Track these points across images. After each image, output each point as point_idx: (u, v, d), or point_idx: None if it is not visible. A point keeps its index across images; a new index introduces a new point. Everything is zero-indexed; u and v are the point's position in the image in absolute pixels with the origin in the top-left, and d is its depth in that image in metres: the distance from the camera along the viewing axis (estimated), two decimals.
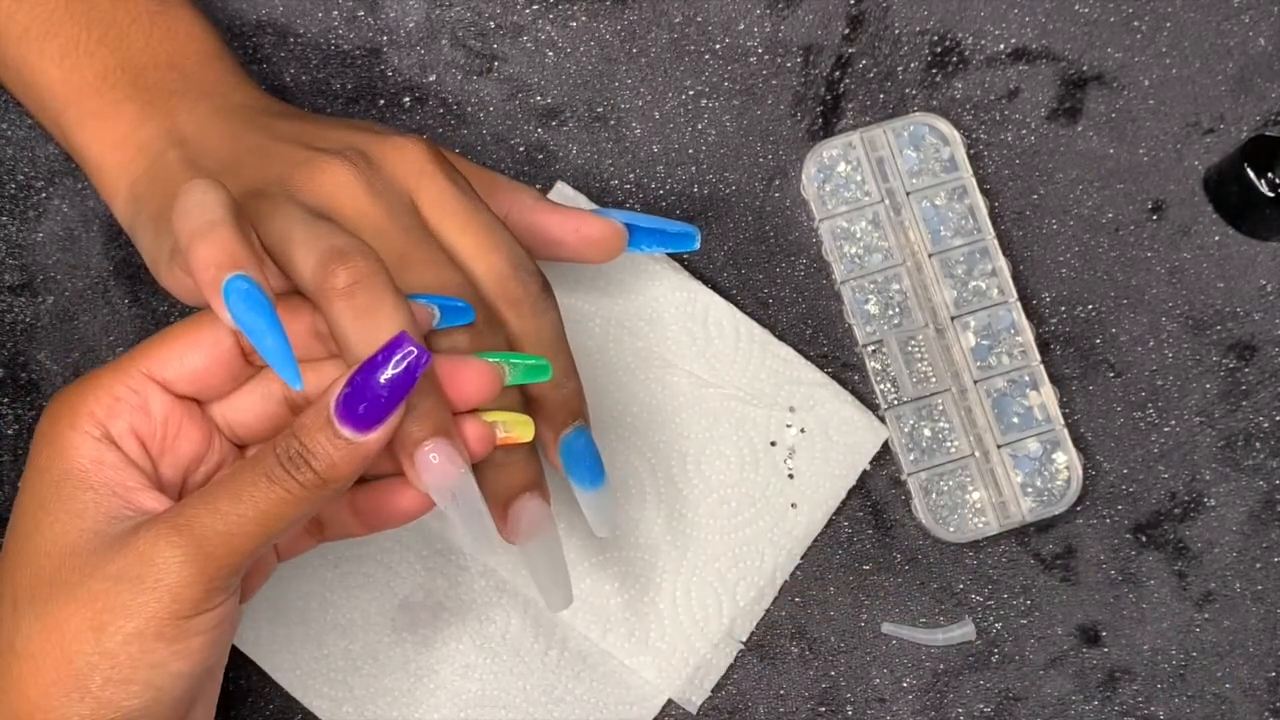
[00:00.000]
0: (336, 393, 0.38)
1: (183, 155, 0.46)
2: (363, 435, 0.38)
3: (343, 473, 0.39)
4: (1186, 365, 0.57)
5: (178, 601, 0.38)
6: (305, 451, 0.38)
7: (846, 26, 0.58)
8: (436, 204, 0.44)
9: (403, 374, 0.38)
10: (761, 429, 0.55)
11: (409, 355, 0.38)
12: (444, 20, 0.58)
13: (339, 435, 0.38)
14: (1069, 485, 0.55)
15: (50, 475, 0.40)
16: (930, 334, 0.56)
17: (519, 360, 0.43)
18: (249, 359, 0.43)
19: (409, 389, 0.38)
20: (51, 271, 0.56)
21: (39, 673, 0.38)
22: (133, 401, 0.41)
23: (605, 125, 0.58)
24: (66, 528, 0.39)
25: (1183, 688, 0.55)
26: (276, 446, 0.39)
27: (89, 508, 0.40)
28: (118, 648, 0.38)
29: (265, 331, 0.38)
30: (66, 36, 0.48)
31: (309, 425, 0.39)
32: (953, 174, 0.57)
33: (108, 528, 0.39)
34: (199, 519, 0.38)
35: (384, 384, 0.38)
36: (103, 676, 0.38)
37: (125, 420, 0.41)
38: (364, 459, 0.39)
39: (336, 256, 0.40)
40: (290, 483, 0.38)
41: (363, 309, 0.39)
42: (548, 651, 0.53)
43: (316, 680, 0.52)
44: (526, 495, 0.44)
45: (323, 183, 0.43)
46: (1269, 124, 0.58)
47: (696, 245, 0.51)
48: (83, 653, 0.38)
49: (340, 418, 0.38)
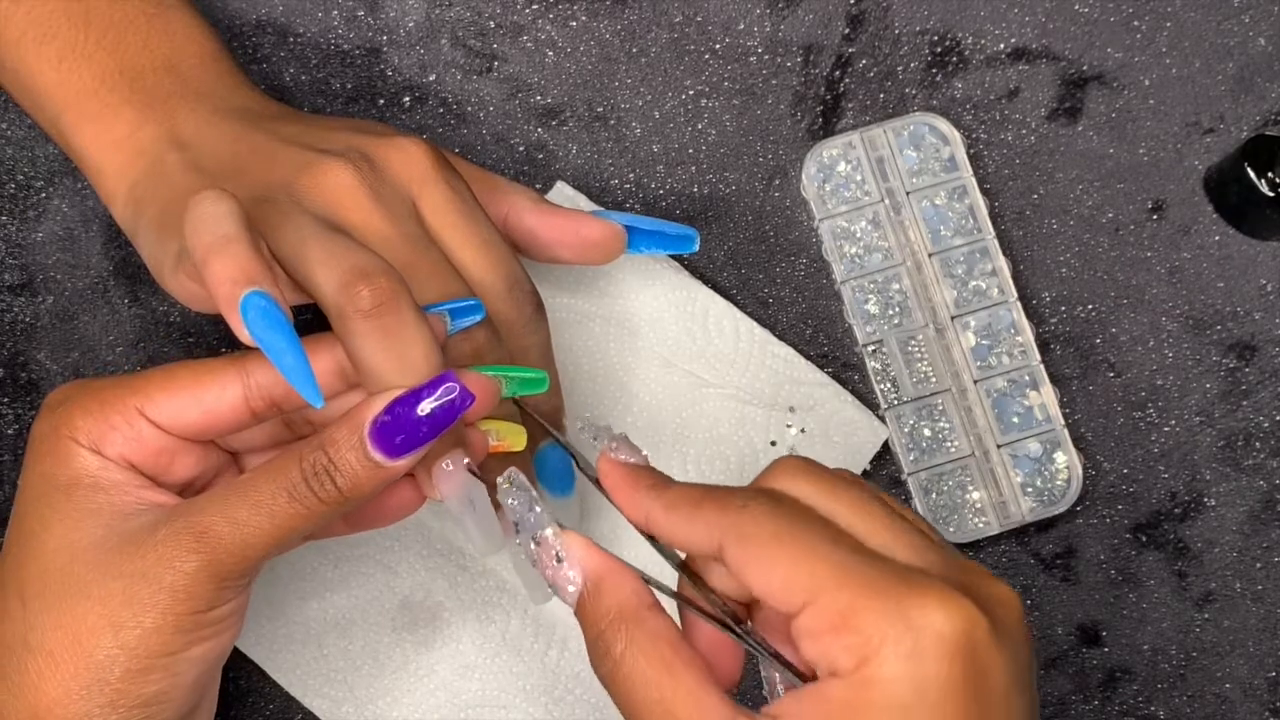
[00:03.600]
0: (372, 414, 0.39)
1: (183, 158, 0.46)
2: (393, 461, 0.39)
3: (364, 492, 0.40)
4: (1186, 365, 0.57)
5: (193, 599, 0.39)
6: (332, 467, 0.39)
7: (846, 26, 0.58)
8: (438, 213, 0.45)
9: (444, 411, 0.39)
10: (761, 429, 0.55)
11: (451, 394, 0.39)
12: (444, 20, 0.58)
13: (369, 457, 0.39)
14: (1069, 485, 0.55)
15: (57, 480, 0.41)
16: (930, 334, 0.56)
17: (516, 374, 0.43)
18: (256, 416, 0.43)
19: (447, 426, 0.39)
20: (51, 271, 0.56)
21: (57, 668, 0.39)
22: (126, 432, 0.41)
23: (605, 125, 0.58)
24: (79, 525, 0.40)
25: (1183, 688, 0.55)
26: (303, 461, 0.39)
27: (103, 507, 0.40)
28: (137, 641, 0.39)
29: (285, 350, 0.38)
30: (64, 39, 0.48)
31: (339, 441, 0.39)
32: (953, 174, 0.57)
33: (121, 524, 0.40)
34: (216, 528, 0.39)
35: (424, 417, 0.39)
36: (122, 669, 0.39)
37: (117, 448, 0.41)
38: (386, 481, 0.40)
39: (360, 276, 0.40)
40: (310, 498, 0.39)
41: (388, 329, 0.40)
42: (548, 651, 0.53)
43: (316, 680, 0.52)
44: None
45: (327, 186, 0.43)
46: (1269, 124, 0.58)
47: (695, 247, 0.52)
48: (102, 647, 0.39)
49: (375, 442, 0.39)
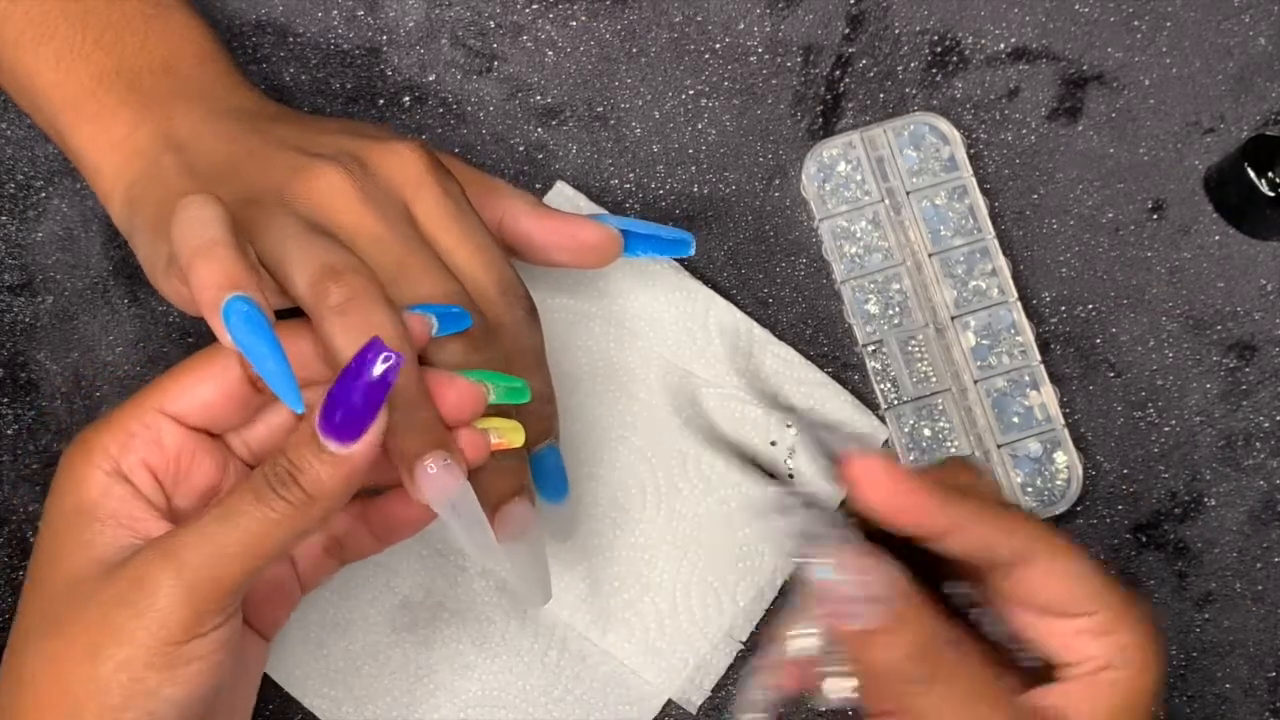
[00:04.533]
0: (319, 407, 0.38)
1: (179, 160, 0.46)
2: (346, 447, 0.38)
3: (329, 489, 0.38)
4: (1186, 365, 0.57)
5: (166, 627, 0.38)
6: (293, 468, 0.38)
7: (846, 26, 0.58)
8: (431, 217, 0.45)
9: (378, 380, 0.37)
10: (761, 429, 0.55)
11: (385, 360, 0.37)
12: (444, 20, 0.58)
13: (323, 449, 0.38)
14: (1069, 485, 0.55)
15: (64, 509, 0.41)
16: (930, 334, 0.56)
17: (501, 382, 0.43)
18: (257, 387, 0.43)
19: (384, 394, 0.38)
20: (51, 271, 0.56)
21: (38, 701, 0.39)
22: (145, 436, 0.41)
23: (605, 125, 0.58)
24: (75, 558, 0.40)
25: (1183, 688, 0.55)
26: (265, 466, 0.39)
27: (97, 538, 0.40)
28: (109, 675, 0.38)
29: (266, 355, 0.38)
30: (62, 40, 0.48)
31: (296, 442, 0.38)
32: (953, 174, 0.57)
33: (113, 556, 0.39)
34: (187, 543, 0.38)
35: (358, 391, 0.37)
36: (97, 704, 0.38)
37: (138, 455, 0.41)
38: (350, 474, 0.38)
39: (329, 274, 0.40)
40: (278, 502, 0.38)
41: (354, 325, 0.40)
42: (548, 651, 0.53)
43: (316, 680, 0.52)
44: (515, 499, 0.44)
45: (318, 190, 0.43)
46: (1269, 124, 0.58)
47: (692, 251, 0.52)
48: (78, 679, 0.38)
49: (322, 430, 0.38)
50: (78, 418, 0.55)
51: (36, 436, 0.55)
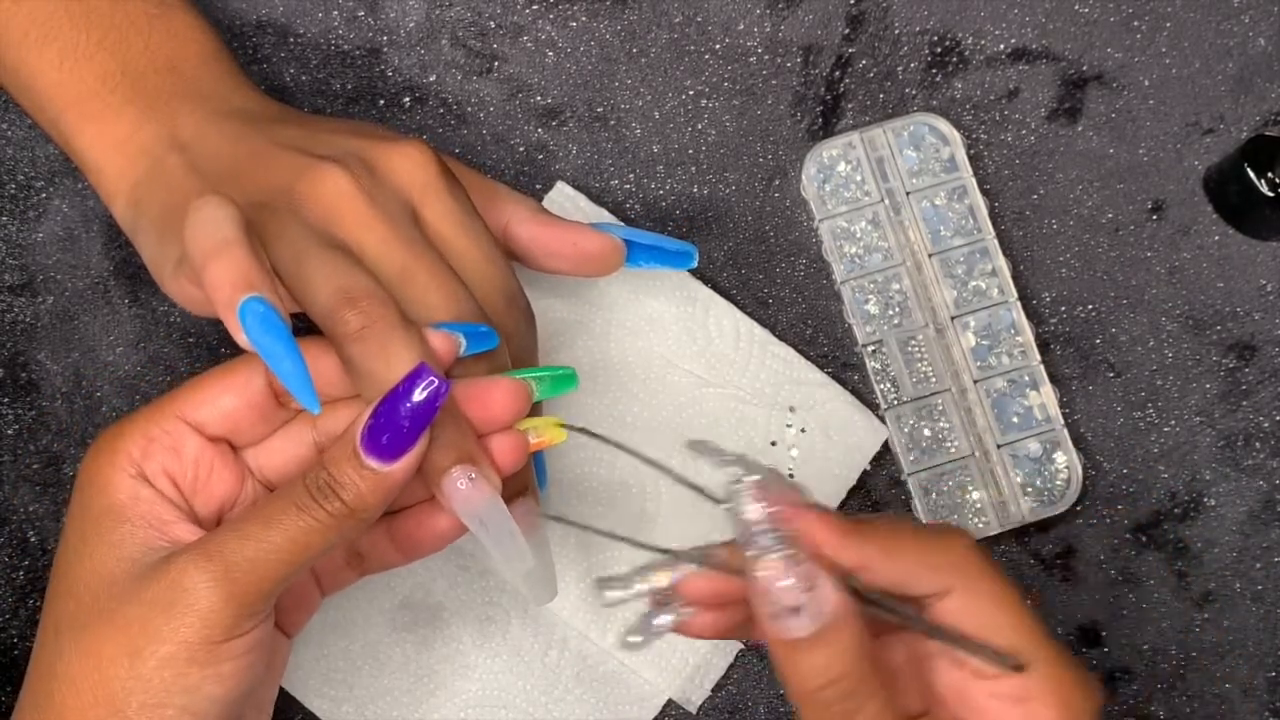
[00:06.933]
0: (361, 425, 0.39)
1: (183, 160, 0.46)
2: (387, 465, 0.39)
3: (369, 503, 0.40)
4: (1186, 365, 0.57)
5: (208, 626, 0.38)
6: (334, 482, 0.39)
7: (846, 26, 0.58)
8: (438, 223, 0.45)
9: (423, 404, 0.39)
10: (761, 429, 0.55)
11: (429, 386, 0.39)
12: (444, 20, 0.58)
13: (365, 466, 0.39)
14: (1069, 485, 0.55)
15: (91, 511, 0.41)
16: (930, 334, 0.56)
17: (546, 373, 0.44)
18: (280, 400, 0.43)
19: (430, 418, 0.39)
20: (51, 271, 0.56)
21: (78, 696, 0.39)
22: (165, 443, 0.42)
23: (605, 125, 0.58)
24: (105, 558, 0.40)
25: (1183, 687, 0.55)
26: (306, 477, 0.39)
27: (126, 539, 0.40)
28: (151, 672, 0.38)
29: (282, 355, 0.39)
30: (65, 40, 0.48)
31: (336, 457, 0.39)
32: (953, 174, 0.57)
33: (144, 557, 0.40)
34: (228, 545, 0.39)
35: (404, 414, 0.39)
36: (138, 701, 0.39)
37: (158, 461, 0.42)
38: (390, 489, 0.40)
39: (346, 301, 0.40)
40: (319, 512, 0.39)
41: (373, 353, 0.40)
42: (548, 651, 0.53)
43: (316, 680, 0.52)
44: (520, 499, 0.44)
45: (323, 193, 0.43)
46: (1269, 124, 0.58)
47: (694, 263, 0.52)
48: (118, 677, 0.39)
49: (365, 449, 0.39)
50: (78, 418, 0.55)
51: (36, 436, 0.55)
